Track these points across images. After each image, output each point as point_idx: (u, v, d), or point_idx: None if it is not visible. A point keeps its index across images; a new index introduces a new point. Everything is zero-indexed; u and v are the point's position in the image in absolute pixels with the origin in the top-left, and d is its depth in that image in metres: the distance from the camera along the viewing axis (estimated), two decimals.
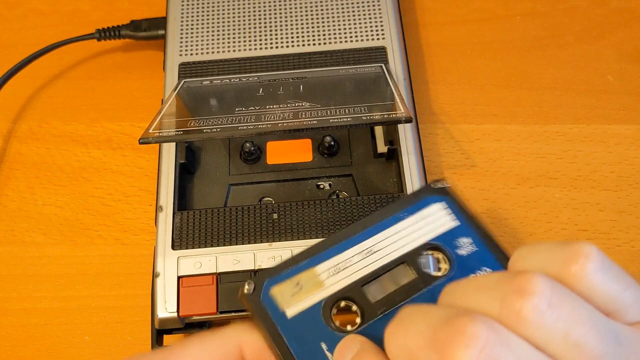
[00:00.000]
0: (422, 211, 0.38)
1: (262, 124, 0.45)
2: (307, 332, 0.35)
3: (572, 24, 0.65)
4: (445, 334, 0.26)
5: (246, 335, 0.35)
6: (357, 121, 0.44)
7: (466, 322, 0.26)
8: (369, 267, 0.36)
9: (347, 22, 0.58)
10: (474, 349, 0.25)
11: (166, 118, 0.48)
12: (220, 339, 0.35)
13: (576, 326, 0.26)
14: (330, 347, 0.34)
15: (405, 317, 0.29)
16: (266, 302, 0.35)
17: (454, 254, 0.36)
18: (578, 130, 0.59)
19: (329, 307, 0.35)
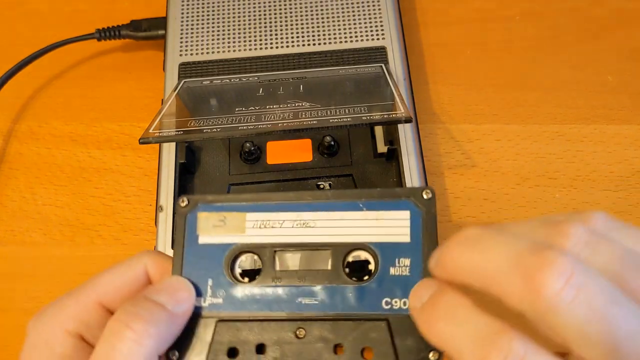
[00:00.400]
0: (383, 212, 0.37)
1: (262, 123, 0.45)
2: (204, 262, 0.38)
3: (571, 24, 0.65)
4: (534, 262, 0.27)
5: (149, 258, 0.38)
6: (357, 121, 0.44)
7: (556, 254, 0.27)
8: (294, 237, 0.38)
9: (347, 22, 0.58)
10: (562, 277, 0.27)
11: (166, 118, 0.48)
12: (127, 265, 0.37)
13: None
14: (214, 286, 0.37)
15: (480, 239, 0.30)
16: (189, 220, 0.39)
17: (383, 269, 0.36)
18: (578, 130, 0.59)
19: (234, 252, 0.38)
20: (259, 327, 0.36)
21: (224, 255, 0.38)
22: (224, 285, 0.37)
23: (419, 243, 0.36)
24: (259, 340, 0.36)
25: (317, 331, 0.36)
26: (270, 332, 0.36)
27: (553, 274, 0.27)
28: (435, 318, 0.31)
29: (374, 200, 0.38)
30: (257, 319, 0.37)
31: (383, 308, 0.36)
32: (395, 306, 0.36)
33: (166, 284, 0.36)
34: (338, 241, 0.37)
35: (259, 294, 0.37)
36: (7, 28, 0.68)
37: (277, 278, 0.37)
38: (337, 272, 0.37)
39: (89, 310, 0.36)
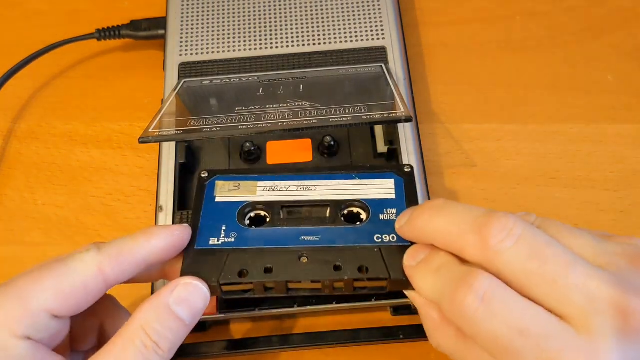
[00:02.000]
0: (372, 180, 0.46)
1: (262, 123, 0.45)
2: (219, 214, 0.44)
3: (571, 24, 0.65)
4: (484, 221, 0.35)
5: (103, 256, 0.38)
6: (357, 120, 0.44)
7: (502, 215, 0.35)
8: (298, 197, 0.45)
9: (347, 22, 0.58)
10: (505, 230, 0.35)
11: (166, 117, 0.48)
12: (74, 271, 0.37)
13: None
14: (227, 230, 0.43)
15: (445, 207, 0.38)
16: (208, 187, 0.46)
17: (373, 215, 0.44)
18: (578, 130, 0.59)
19: (246, 207, 0.45)
20: (266, 255, 0.42)
21: (237, 209, 0.45)
22: (236, 229, 0.43)
23: (403, 198, 0.45)
24: (266, 264, 0.41)
25: (319, 256, 0.41)
26: (276, 258, 0.41)
27: (497, 227, 0.35)
28: (426, 272, 0.38)
29: (365, 172, 0.46)
30: (265, 250, 0.42)
31: (375, 241, 0.42)
32: (385, 240, 0.42)
33: (188, 294, 0.39)
34: (335, 199, 0.45)
35: (266, 233, 0.43)
36: (7, 28, 0.68)
37: (282, 223, 0.44)
38: (334, 219, 0.44)
39: (36, 316, 0.36)
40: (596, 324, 0.32)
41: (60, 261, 0.37)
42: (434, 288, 0.37)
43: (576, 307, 0.33)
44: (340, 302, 0.47)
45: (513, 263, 0.34)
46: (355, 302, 0.47)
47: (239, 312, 0.48)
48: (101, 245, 0.38)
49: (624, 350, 0.32)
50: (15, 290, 0.36)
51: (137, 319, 0.37)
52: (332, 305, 0.47)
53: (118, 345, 0.36)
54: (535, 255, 0.34)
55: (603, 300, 0.33)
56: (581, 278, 0.33)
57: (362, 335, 0.49)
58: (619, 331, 0.32)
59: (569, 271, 0.33)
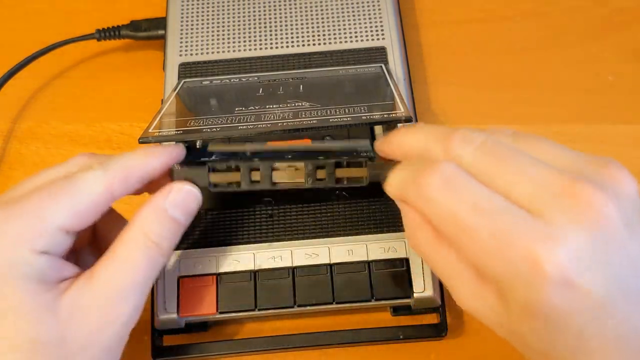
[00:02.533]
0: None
1: (262, 123, 0.45)
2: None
3: (572, 24, 0.65)
4: (447, 135, 0.38)
5: (111, 176, 0.41)
6: (357, 121, 0.44)
7: (467, 129, 0.38)
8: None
9: (347, 22, 0.58)
10: (465, 140, 0.38)
11: (166, 118, 0.48)
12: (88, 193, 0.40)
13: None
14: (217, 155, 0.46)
15: (416, 127, 0.42)
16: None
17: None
18: (578, 130, 0.59)
19: None
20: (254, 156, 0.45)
21: None
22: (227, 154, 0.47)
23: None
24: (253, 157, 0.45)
25: (303, 154, 0.46)
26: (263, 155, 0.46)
27: (459, 136, 0.38)
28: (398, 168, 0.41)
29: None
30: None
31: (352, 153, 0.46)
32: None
33: (184, 196, 0.43)
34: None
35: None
36: (7, 28, 0.68)
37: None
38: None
39: (52, 233, 0.39)
40: (551, 210, 0.34)
41: (70, 181, 0.40)
42: (402, 177, 0.40)
43: (533, 197, 0.35)
44: (340, 302, 0.47)
45: (472, 163, 0.37)
46: (354, 302, 0.47)
47: (239, 313, 0.48)
48: (106, 165, 0.41)
49: (577, 236, 0.33)
50: (33, 209, 0.38)
51: (137, 223, 0.41)
52: (332, 306, 0.47)
53: (124, 249, 0.40)
54: (493, 156, 0.37)
55: (558, 190, 0.34)
56: (538, 173, 0.35)
57: (362, 335, 0.49)
58: (574, 218, 0.34)
59: (526, 168, 0.36)
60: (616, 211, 0.34)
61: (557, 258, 0.33)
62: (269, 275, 0.48)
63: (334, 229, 0.49)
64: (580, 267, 0.33)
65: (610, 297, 0.34)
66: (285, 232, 0.50)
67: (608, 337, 0.34)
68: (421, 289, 0.47)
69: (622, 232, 0.34)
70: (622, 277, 0.34)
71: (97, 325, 0.39)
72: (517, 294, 0.35)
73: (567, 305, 0.34)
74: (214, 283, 0.48)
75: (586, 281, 0.33)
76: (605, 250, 0.34)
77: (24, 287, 0.37)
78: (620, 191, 0.35)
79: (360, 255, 0.48)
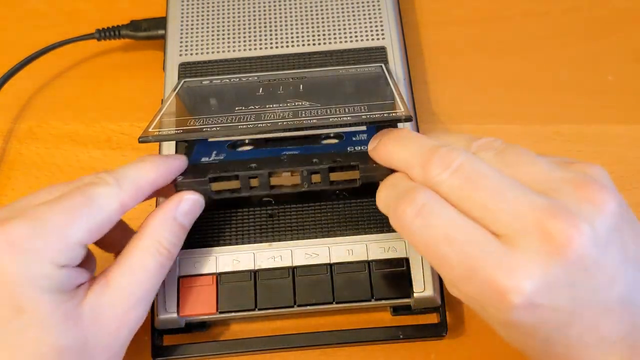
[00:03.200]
0: None
1: (262, 123, 0.45)
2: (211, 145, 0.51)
3: (572, 24, 0.65)
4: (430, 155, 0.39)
5: (124, 192, 0.43)
6: (357, 120, 0.44)
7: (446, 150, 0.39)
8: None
9: (347, 22, 0.58)
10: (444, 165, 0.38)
11: (166, 117, 0.48)
12: (101, 210, 0.42)
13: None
14: (217, 154, 0.49)
15: (406, 137, 0.42)
16: None
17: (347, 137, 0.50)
18: (578, 130, 0.59)
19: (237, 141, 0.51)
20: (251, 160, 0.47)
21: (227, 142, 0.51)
22: (225, 152, 0.49)
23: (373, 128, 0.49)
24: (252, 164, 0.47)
25: (297, 157, 0.47)
26: (259, 160, 0.47)
27: (437, 162, 0.38)
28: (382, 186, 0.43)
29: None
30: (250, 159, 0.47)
31: (348, 151, 0.48)
32: (357, 149, 0.48)
33: (191, 205, 0.46)
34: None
35: (252, 152, 0.50)
36: (7, 28, 0.68)
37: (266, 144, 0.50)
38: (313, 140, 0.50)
39: (72, 248, 0.40)
40: (521, 240, 0.35)
41: (87, 197, 0.41)
42: (385, 200, 0.42)
43: (504, 226, 0.36)
44: (340, 302, 0.47)
45: (449, 192, 0.38)
46: (354, 302, 0.47)
47: (239, 312, 0.48)
48: (120, 180, 0.43)
49: (544, 267, 0.35)
50: (56, 226, 0.40)
51: (150, 232, 0.44)
52: (332, 306, 0.47)
53: (138, 257, 0.43)
54: (468, 181, 0.38)
55: (529, 221, 0.35)
56: (511, 202, 0.36)
57: (362, 335, 0.49)
58: (541, 249, 0.35)
59: (500, 196, 0.37)
60: (587, 239, 0.35)
61: (521, 288, 0.35)
62: (269, 275, 0.48)
63: (334, 229, 0.49)
64: (546, 292, 0.35)
65: (576, 311, 0.36)
66: (285, 232, 0.50)
67: (573, 344, 0.37)
68: (421, 289, 0.47)
69: (592, 254, 0.35)
70: (590, 292, 0.36)
71: (115, 328, 0.41)
72: (490, 314, 0.38)
73: (535, 320, 0.36)
74: (214, 283, 0.48)
75: (552, 302, 0.35)
76: (572, 274, 0.35)
77: (47, 299, 0.39)
78: (596, 214, 0.36)
79: (360, 255, 0.48)
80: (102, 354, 0.41)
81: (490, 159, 0.40)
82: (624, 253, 0.36)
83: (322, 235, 0.49)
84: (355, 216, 0.50)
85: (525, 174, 0.38)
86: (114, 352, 0.42)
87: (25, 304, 0.38)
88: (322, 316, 0.50)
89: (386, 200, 0.42)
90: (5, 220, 0.39)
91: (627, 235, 0.37)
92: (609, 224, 0.36)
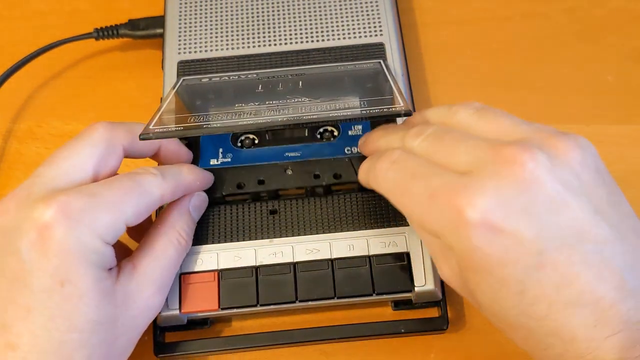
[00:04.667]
0: None
1: (262, 119, 0.45)
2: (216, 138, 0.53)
3: (572, 24, 0.65)
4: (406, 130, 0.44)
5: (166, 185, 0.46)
6: (356, 115, 0.44)
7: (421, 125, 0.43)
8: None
9: (345, 18, 0.58)
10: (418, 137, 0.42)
11: (166, 115, 0.48)
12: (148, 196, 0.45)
13: None
14: (224, 152, 0.53)
15: (388, 128, 0.48)
16: None
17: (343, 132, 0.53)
18: (578, 130, 0.58)
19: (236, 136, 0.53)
20: (258, 170, 0.51)
21: (229, 135, 0.53)
22: (231, 151, 0.53)
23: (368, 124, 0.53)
24: (259, 177, 0.51)
25: (301, 168, 0.51)
26: (266, 172, 0.51)
27: (413, 131, 0.43)
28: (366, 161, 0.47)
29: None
30: (257, 166, 0.52)
31: (345, 153, 0.52)
32: (354, 151, 0.52)
33: (202, 202, 0.50)
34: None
35: (256, 152, 0.52)
36: (7, 28, 0.68)
37: (269, 143, 0.53)
38: (312, 137, 0.53)
39: (119, 228, 0.43)
40: (478, 168, 0.37)
41: (137, 182, 0.44)
42: (366, 167, 0.46)
43: (465, 164, 0.39)
44: (341, 297, 0.47)
45: (419, 149, 0.42)
46: (356, 297, 0.48)
47: (240, 309, 0.48)
48: (163, 173, 0.46)
49: (495, 183, 0.36)
50: (108, 203, 0.42)
51: (170, 221, 0.47)
52: (334, 301, 0.47)
53: (161, 245, 0.46)
54: (437, 140, 0.41)
55: (488, 154, 0.38)
56: (472, 145, 0.39)
57: (363, 329, 0.49)
58: (494, 170, 0.37)
59: (462, 142, 0.40)
60: (540, 165, 0.36)
61: (476, 203, 0.36)
62: (270, 271, 0.48)
63: (334, 224, 0.49)
64: (503, 212, 0.36)
65: (544, 250, 0.35)
66: (286, 228, 0.50)
67: (553, 300, 0.35)
68: (422, 283, 0.47)
69: (545, 181, 0.36)
70: (554, 229, 0.35)
71: (140, 312, 0.44)
72: (452, 245, 0.38)
73: (500, 252, 0.36)
74: (215, 279, 0.48)
75: (512, 226, 0.35)
76: (525, 196, 0.36)
77: (92, 273, 0.40)
78: (558, 157, 0.37)
79: (361, 250, 0.48)
80: (125, 334, 0.43)
81: (467, 117, 0.43)
82: (593, 207, 0.36)
83: (323, 231, 0.49)
84: (355, 211, 0.50)
85: (498, 125, 0.41)
86: (135, 334, 0.44)
87: (70, 276, 0.40)
88: (324, 312, 0.50)
89: (366, 165, 0.46)
90: (61, 193, 0.41)
91: (600, 195, 0.37)
92: (572, 169, 0.37)
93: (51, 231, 0.39)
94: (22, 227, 0.40)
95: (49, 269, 0.39)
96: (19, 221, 0.40)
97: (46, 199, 0.40)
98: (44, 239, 0.39)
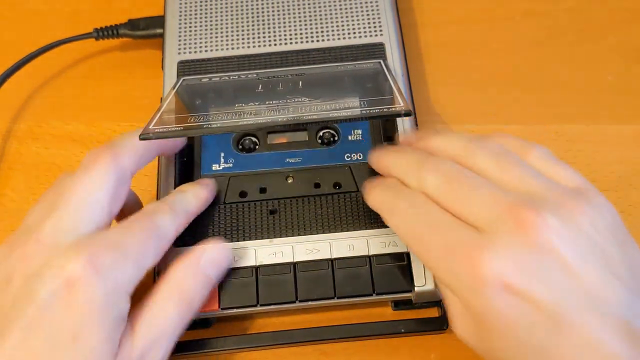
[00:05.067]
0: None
1: (262, 118, 0.45)
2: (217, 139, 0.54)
3: (572, 24, 0.65)
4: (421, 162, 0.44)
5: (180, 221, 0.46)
6: (356, 115, 0.44)
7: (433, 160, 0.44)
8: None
9: (344, 18, 0.58)
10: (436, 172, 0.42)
11: (166, 115, 0.48)
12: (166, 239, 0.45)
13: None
14: (225, 156, 0.53)
15: (400, 150, 0.48)
16: None
17: (343, 137, 0.54)
18: (578, 130, 0.59)
19: (238, 135, 0.54)
20: (259, 177, 0.52)
21: (231, 137, 0.53)
22: (233, 155, 0.53)
23: (367, 122, 0.54)
24: (261, 186, 0.52)
25: (302, 176, 0.52)
26: (268, 180, 0.52)
27: (428, 167, 0.43)
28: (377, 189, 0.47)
29: None
30: (259, 173, 0.52)
31: (345, 160, 0.53)
32: (353, 158, 0.53)
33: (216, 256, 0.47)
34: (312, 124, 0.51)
35: (258, 158, 0.53)
36: (7, 28, 0.68)
37: (270, 148, 0.53)
38: (312, 142, 0.53)
39: (140, 277, 0.42)
40: (493, 226, 0.38)
41: (153, 223, 0.44)
42: (380, 198, 0.46)
43: (479, 217, 0.39)
44: (341, 297, 0.47)
45: (435, 191, 0.42)
46: (356, 297, 0.48)
47: (241, 309, 0.48)
48: (174, 207, 0.46)
49: (511, 246, 0.37)
50: (132, 257, 0.42)
51: (173, 279, 0.44)
52: (334, 301, 0.47)
53: (158, 302, 0.43)
54: (453, 183, 0.41)
55: (502, 211, 0.38)
56: (486, 196, 0.39)
57: (364, 329, 0.49)
58: (510, 232, 0.37)
59: (475, 191, 0.40)
60: (551, 229, 0.37)
61: (492, 263, 0.36)
62: (271, 271, 0.48)
63: (334, 224, 0.50)
64: (519, 274, 0.36)
65: (561, 314, 0.35)
66: (286, 228, 0.50)
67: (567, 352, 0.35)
68: (422, 283, 0.47)
69: (566, 256, 0.36)
70: (569, 293, 0.36)
71: None
72: (468, 303, 0.38)
73: (516, 313, 0.36)
74: None
75: (528, 288, 0.36)
76: (547, 268, 0.36)
77: (106, 329, 0.40)
78: (573, 219, 0.38)
79: (361, 250, 0.48)
80: None
81: (485, 161, 0.42)
82: (606, 266, 0.37)
83: (323, 231, 0.49)
84: (355, 211, 0.50)
85: (514, 176, 0.41)
86: None
87: (85, 331, 0.39)
88: (324, 312, 0.50)
89: (382, 198, 0.46)
90: (89, 243, 0.41)
91: (614, 255, 0.37)
92: (585, 232, 0.37)
93: (80, 285, 0.39)
94: (47, 274, 0.39)
95: (67, 322, 0.38)
96: (44, 268, 0.39)
97: (75, 248, 0.40)
98: (71, 291, 0.39)
